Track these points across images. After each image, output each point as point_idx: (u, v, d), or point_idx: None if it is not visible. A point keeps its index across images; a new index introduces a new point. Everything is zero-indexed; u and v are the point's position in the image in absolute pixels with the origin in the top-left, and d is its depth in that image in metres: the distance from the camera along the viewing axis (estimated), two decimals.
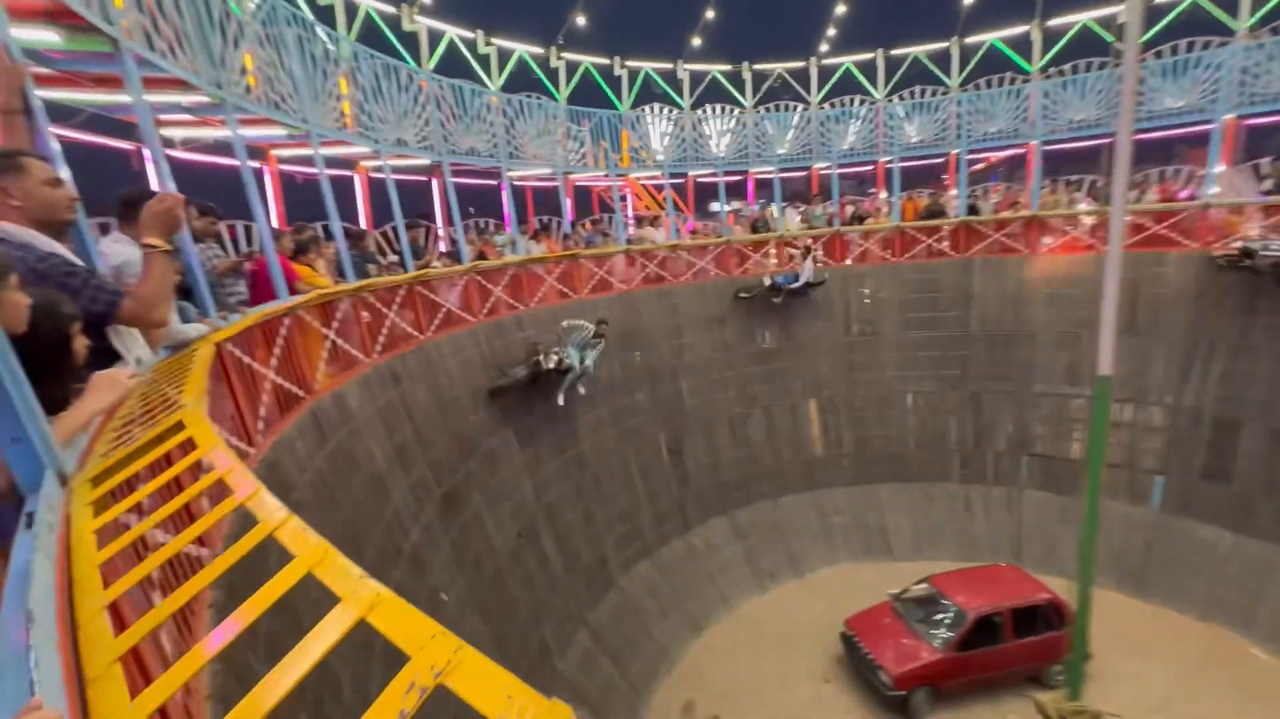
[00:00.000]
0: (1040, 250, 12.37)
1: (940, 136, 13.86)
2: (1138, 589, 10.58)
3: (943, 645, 8.44)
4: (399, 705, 0.57)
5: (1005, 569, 9.93)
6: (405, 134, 9.11)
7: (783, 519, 12.31)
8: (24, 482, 1.35)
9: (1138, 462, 11.25)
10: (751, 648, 9.97)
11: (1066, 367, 11.93)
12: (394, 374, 6.80)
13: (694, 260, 12.74)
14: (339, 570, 0.80)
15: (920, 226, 12.97)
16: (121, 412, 2.07)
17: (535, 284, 10.23)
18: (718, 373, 12.48)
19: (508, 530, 8.09)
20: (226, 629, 0.84)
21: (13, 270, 1.56)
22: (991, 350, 12.53)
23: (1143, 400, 11.25)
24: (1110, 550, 10.62)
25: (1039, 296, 12.19)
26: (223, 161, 7.78)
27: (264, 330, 4.66)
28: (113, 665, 0.80)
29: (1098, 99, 12.11)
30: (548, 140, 12.06)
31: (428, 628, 0.65)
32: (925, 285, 12.93)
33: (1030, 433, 12.21)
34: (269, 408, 4.55)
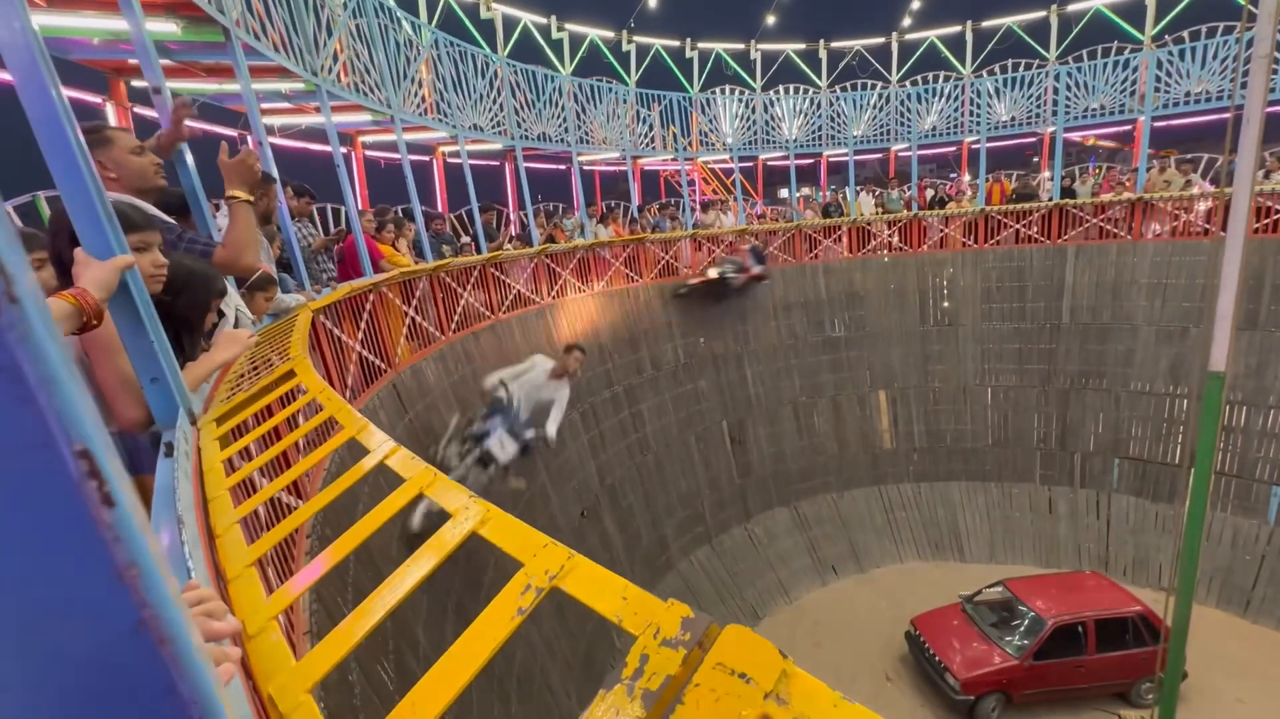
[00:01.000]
0: (1146, 236, 11.38)
1: (1034, 114, 12.95)
2: (1245, 608, 9.69)
3: (1017, 653, 8.03)
4: (516, 604, 0.60)
5: (1090, 577, 9.30)
6: (481, 119, 9.36)
7: (847, 512, 12.01)
8: (160, 417, 1.50)
9: (1251, 470, 10.24)
10: (810, 640, 9.82)
11: (1170, 363, 10.98)
12: (467, 352, 7.05)
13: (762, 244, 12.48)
14: (448, 490, 0.84)
15: (1008, 210, 12.19)
16: (234, 368, 2.26)
17: (602, 268, 10.33)
18: (783, 360, 12.26)
19: (571, 509, 8.28)
20: (343, 544, 0.90)
21: (159, 230, 1.73)
22: (1084, 344, 11.68)
23: (1261, 403, 10.21)
24: (1215, 565, 9.80)
25: (1141, 287, 11.24)
26: (314, 147, 8.27)
27: (351, 304, 4.93)
28: (249, 568, 0.88)
29: (1221, 68, 10.96)
30: (617, 124, 12.10)
31: (539, 539, 0.68)
32: (1011, 274, 12.18)
33: (1124, 433, 11.34)
34: (355, 378, 4.83)
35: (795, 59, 14.43)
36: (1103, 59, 12.23)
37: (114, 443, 1.59)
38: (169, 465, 1.20)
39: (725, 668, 0.45)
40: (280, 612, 0.77)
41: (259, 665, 0.68)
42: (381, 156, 9.60)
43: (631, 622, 0.53)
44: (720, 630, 0.49)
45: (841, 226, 12.81)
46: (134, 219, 1.60)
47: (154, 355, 1.47)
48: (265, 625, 0.74)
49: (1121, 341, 11.39)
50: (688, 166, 14.94)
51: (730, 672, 0.44)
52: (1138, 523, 10.94)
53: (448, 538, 0.75)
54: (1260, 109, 6.00)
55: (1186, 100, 11.54)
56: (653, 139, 12.99)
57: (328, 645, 0.67)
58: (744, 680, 0.43)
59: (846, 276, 12.66)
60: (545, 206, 12.27)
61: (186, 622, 0.26)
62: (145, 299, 1.49)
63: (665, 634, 0.50)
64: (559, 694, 6.03)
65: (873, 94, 13.95)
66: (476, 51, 9.22)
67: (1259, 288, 10.06)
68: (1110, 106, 12.31)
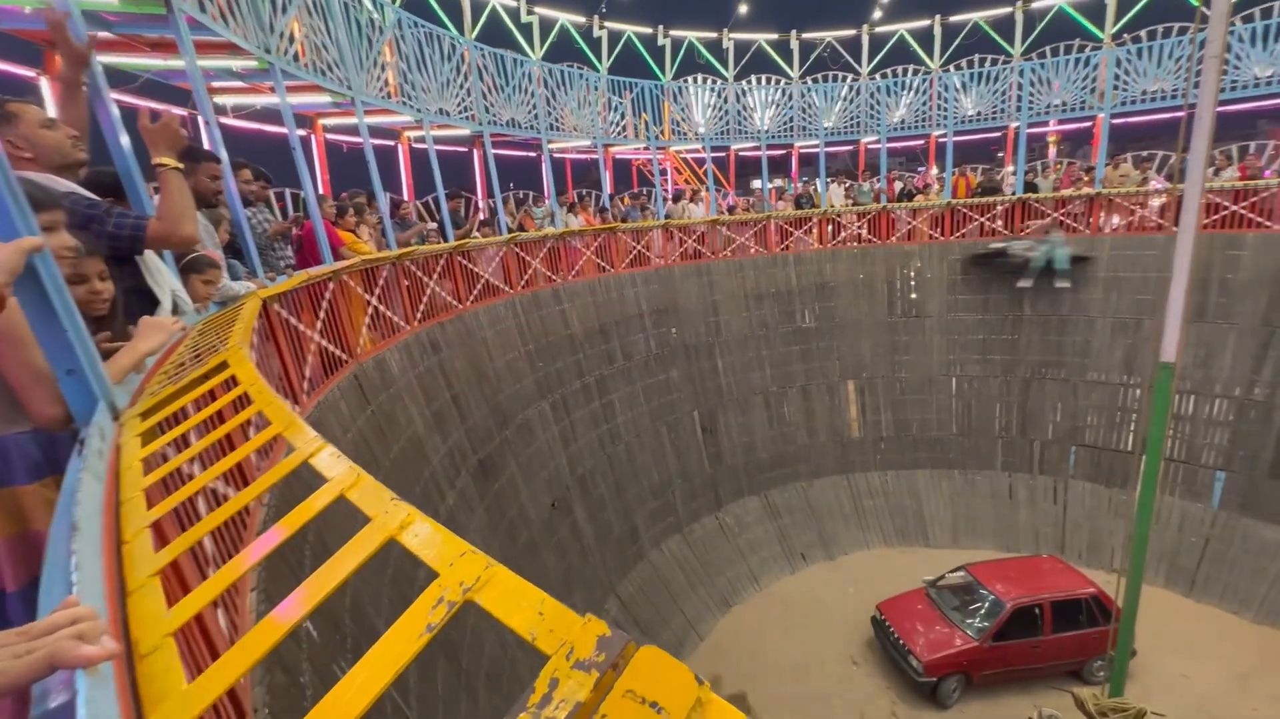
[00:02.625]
0: (1103, 231, 11.72)
1: (999, 109, 13.18)
2: (1190, 588, 10.13)
3: (977, 634, 8.27)
4: (425, 620, 0.55)
5: (1047, 561, 9.61)
6: (447, 104, 9.12)
7: (816, 501, 12.18)
8: (78, 412, 1.40)
9: (1198, 456, 10.69)
10: (780, 626, 9.96)
11: (1124, 354, 11.36)
12: (433, 342, 6.89)
13: (733, 236, 12.52)
14: (371, 493, 0.78)
15: (973, 204, 12.42)
16: (173, 356, 2.14)
17: (573, 257, 10.21)
18: (754, 351, 12.33)
19: (541, 500, 8.22)
20: (258, 548, 0.84)
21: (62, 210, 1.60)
22: (1044, 335, 12.01)
23: (1207, 392, 10.64)
24: (1163, 547, 10.21)
25: (1098, 280, 11.58)
26: (271, 129, 7.96)
27: (310, 293, 4.75)
28: (152, 579, 0.81)
29: (1176, 68, 11.29)
30: (588, 111, 11.94)
31: (457, 546, 0.63)
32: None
33: (1081, 422, 11.71)
34: (314, 369, 4.67)
35: (767, 49, 14.42)
36: (1065, 56, 12.49)
37: (27, 442, 1.49)
38: (78, 464, 1.11)
39: (635, 696, 0.40)
40: (178, 628, 0.70)
41: (146, 690, 0.62)
42: (343, 140, 9.31)
43: (546, 640, 0.49)
44: (636, 651, 0.45)
45: (813, 218, 12.89)
46: (35, 198, 1.47)
47: (69, 345, 1.36)
48: (160, 644, 0.68)
49: (1079, 333, 11.74)
50: (660, 156, 14.84)
51: (640, 700, 0.40)
52: (1092, 508, 11.33)
53: (365, 543, 0.69)
54: (1211, 108, 6.18)
55: (1143, 98, 11.87)
56: (624, 127, 12.85)
57: (226, 664, 0.61)
58: (654, 710, 0.39)
59: (817, 267, 12.76)
60: (515, 194, 12.06)
61: None
62: (59, 284, 1.38)
63: (579, 654, 0.46)
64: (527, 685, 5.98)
65: (843, 86, 14.03)
66: (442, 33, 8.96)
67: (1207, 282, 10.45)
68: (1071, 103, 12.60)
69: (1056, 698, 8.02)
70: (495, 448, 7.46)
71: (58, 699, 0.58)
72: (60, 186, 2.16)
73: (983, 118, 13.44)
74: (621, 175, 18.08)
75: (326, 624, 3.21)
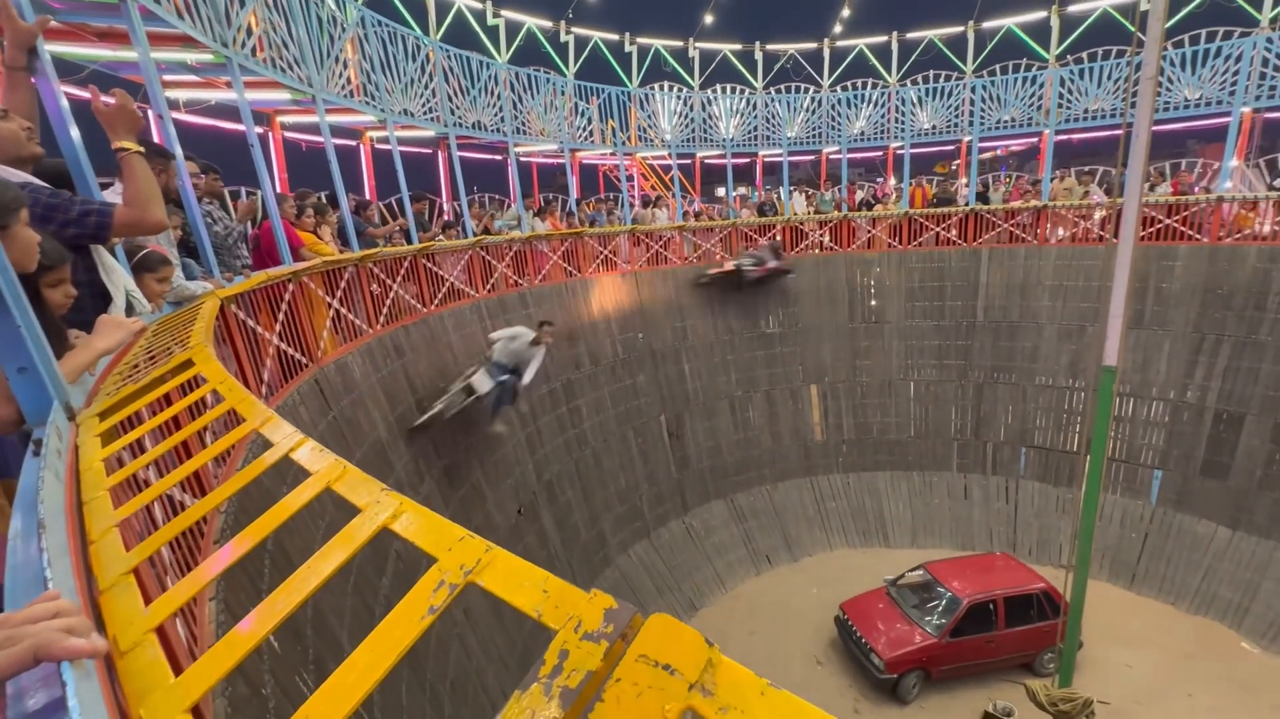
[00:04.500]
0: (1050, 241, 12.29)
1: (953, 123, 13.70)
2: (1131, 581, 10.66)
3: (935, 631, 8.51)
4: (427, 602, 0.56)
5: (1000, 558, 9.98)
6: (411, 104, 8.99)
7: (781, 504, 12.37)
8: (30, 412, 1.34)
9: (1137, 456, 11.27)
10: (745, 628, 10.06)
11: (1070, 359, 11.91)
12: (397, 346, 6.78)
13: (700, 242, 12.66)
14: (358, 484, 0.78)
15: (929, 214, 12.87)
16: (127, 357, 2.05)
17: (540, 261, 10.17)
18: (720, 355, 12.47)
19: (508, 507, 8.13)
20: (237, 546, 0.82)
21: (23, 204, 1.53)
22: (996, 341, 12.50)
23: (1145, 394, 11.24)
24: (1106, 542, 10.70)
25: (1046, 288, 12.13)
26: (227, 126, 7.70)
27: (268, 294, 4.63)
28: (126, 577, 0.79)
29: (1114, 88, 11.95)
30: (554, 116, 11.92)
31: (455, 531, 0.63)
32: (932, 274, 12.87)
33: (1030, 424, 12.22)
34: (273, 373, 4.55)
35: (732, 59, 14.66)
36: (1013, 74, 13.08)
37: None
38: (35, 465, 1.06)
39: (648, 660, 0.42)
40: (158, 624, 0.69)
41: (130, 686, 0.60)
42: (303, 139, 9.07)
43: (552, 615, 0.50)
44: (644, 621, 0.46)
45: (776, 225, 13.14)
46: None
47: (20, 342, 1.30)
48: (140, 640, 0.66)
49: (1028, 338, 12.27)
50: (626, 161, 14.91)
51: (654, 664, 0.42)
52: (1041, 506, 11.82)
53: (357, 533, 0.69)
54: (1147, 126, 6.57)
55: (1086, 116, 12.51)
56: (591, 132, 12.87)
57: (213, 658, 0.60)
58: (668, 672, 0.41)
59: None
60: (480, 197, 11.95)
61: None
62: (10, 278, 1.31)
63: (587, 627, 0.47)
64: (494, 695, 5.90)
65: (805, 97, 14.37)
66: (407, 33, 8.84)
67: (1144, 290, 11.06)
68: (1019, 119, 13.20)
69: (1010, 690, 8.33)
70: (461, 454, 7.35)
71: (36, 699, 0.56)
72: (14, 178, 2.06)
73: (937, 131, 13.94)
74: (588, 180, 18.11)
75: (288, 636, 3.11)
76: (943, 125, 13.82)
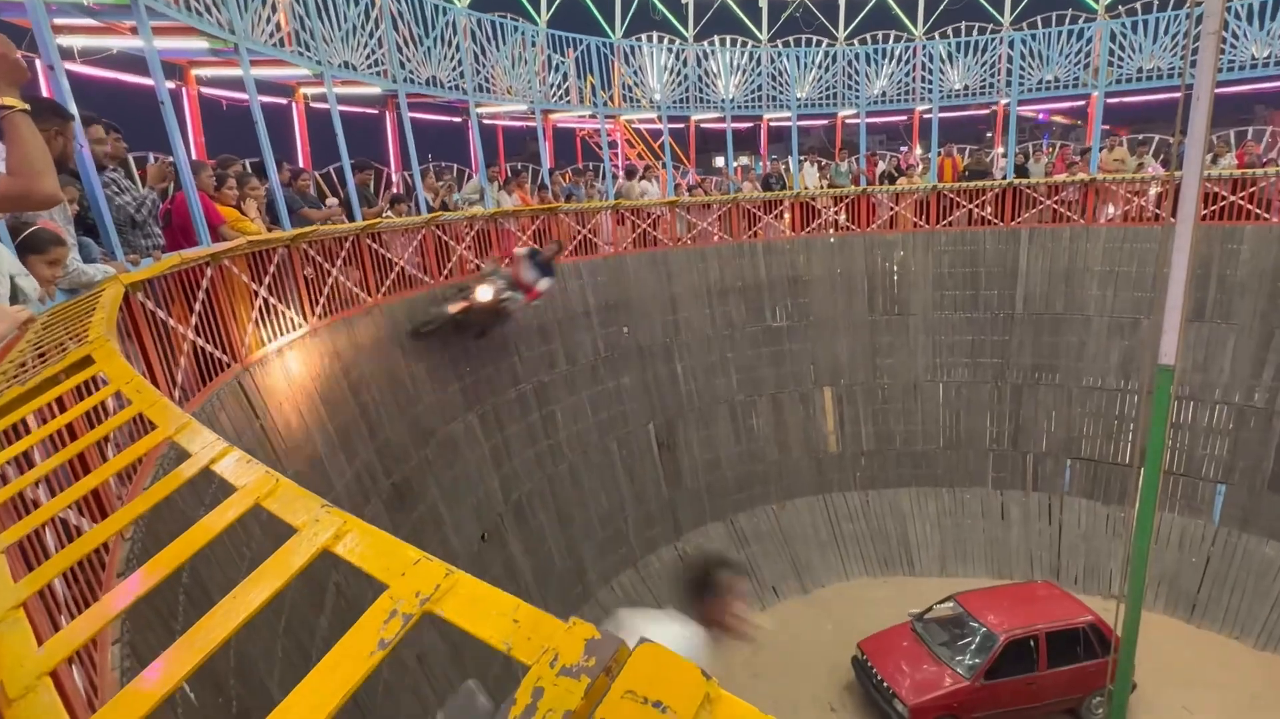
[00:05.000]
0: (1099, 220, 12.48)
1: (988, 83, 13.87)
2: (1191, 613, 10.86)
3: (968, 673, 8.61)
4: (377, 636, 0.56)
5: (1041, 587, 10.12)
6: (354, 56, 8.94)
7: (788, 526, 12.44)
8: None
9: (1197, 468, 11.49)
10: (748, 670, 10.10)
11: (1121, 357, 12.10)
12: (336, 343, 6.74)
13: (695, 221, 12.70)
14: (294, 500, 0.77)
15: (960, 189, 13.01)
16: (11, 354, 2.02)
17: (507, 242, 10.13)
18: (718, 353, 12.51)
19: (469, 531, 8.11)
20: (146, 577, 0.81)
21: None
22: (1037, 336, 12.67)
23: (1206, 398, 11.46)
24: (1163, 568, 10.89)
25: (1094, 274, 12.32)
26: (132, 80, 7.60)
27: (182, 280, 4.58)
28: (14, 611, 0.78)
29: (1172, 44, 12.16)
30: (524, 71, 11.89)
31: (409, 554, 0.63)
32: (964, 258, 13.01)
33: (1076, 432, 12.41)
34: (187, 374, 4.51)
35: (732, 6, 14.72)
36: (1057, 27, 13.27)
37: None
38: None
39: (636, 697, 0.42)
40: (54, 668, 0.68)
41: None
42: (223, 96, 8.98)
43: (524, 648, 0.50)
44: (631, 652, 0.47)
45: (784, 201, 13.22)
46: None
47: None
48: (34, 685, 0.65)
49: (1074, 333, 12.45)
50: (609, 126, 14.91)
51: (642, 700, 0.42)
52: (1089, 527, 12.01)
53: (291, 557, 0.68)
54: (1209, 88, 6.68)
55: (1139, 76, 12.73)
56: (567, 91, 12.86)
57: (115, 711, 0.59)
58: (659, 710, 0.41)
59: (789, 258, 13.07)
60: (436, 167, 11.89)
61: None
62: None
63: (565, 661, 0.48)
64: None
65: (818, 52, 14.46)
66: None
67: (1205, 277, 11.25)
68: (1064, 80, 13.39)
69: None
70: (413, 469, 7.33)
71: None
72: None
73: (970, 92, 14.10)
74: (564, 147, 18.08)
75: (206, 685, 3.08)
76: (976, 86, 13.97)
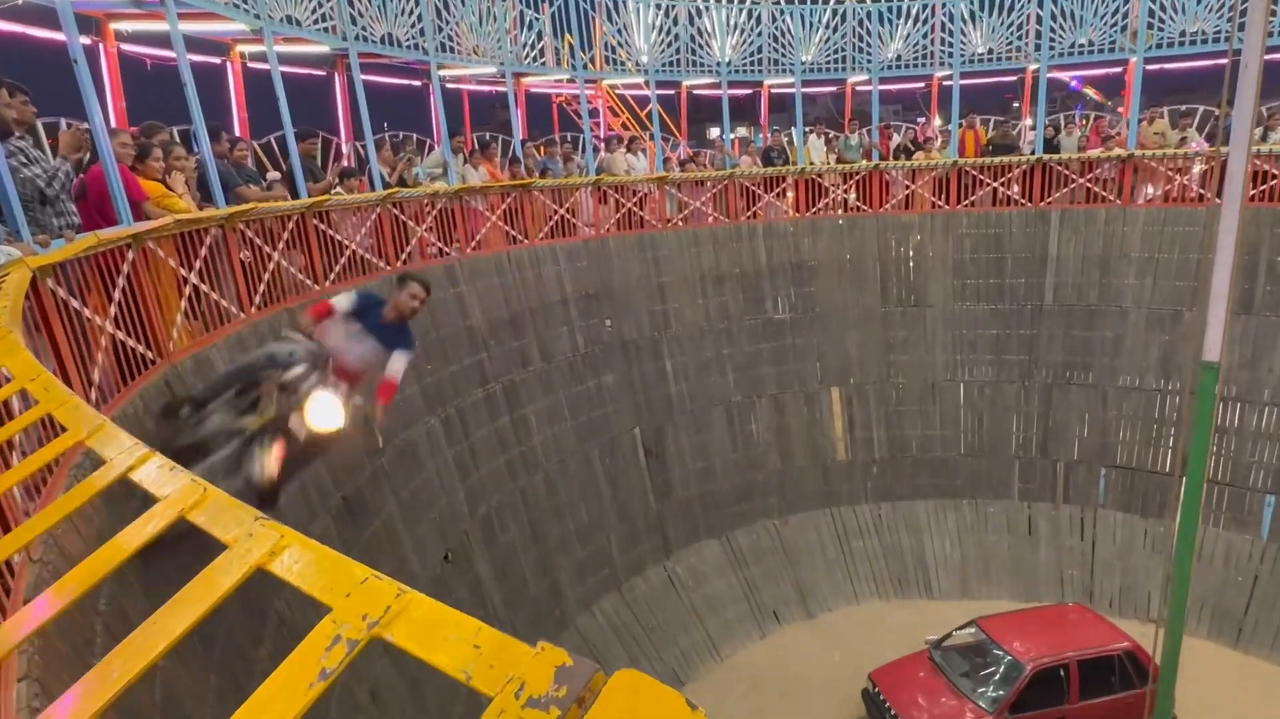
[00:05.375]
0: (1137, 201, 12.62)
1: (1015, 46, 13.96)
2: (1237, 638, 11.04)
3: (991, 706, 8.71)
4: (318, 664, 0.55)
5: (1073, 610, 10.25)
6: (298, 10, 8.87)
7: (792, 543, 12.50)
8: None
9: (1244, 477, 11.66)
10: (747, 706, 10.16)
11: (1161, 353, 12.26)
12: (279, 336, 6.69)
13: (686, 200, 12.70)
14: (224, 512, 0.76)
15: (984, 165, 13.11)
16: None
17: (473, 223, 10.09)
18: (713, 349, 12.54)
19: (431, 550, 8.10)
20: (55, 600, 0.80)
21: None
22: (1068, 330, 12.80)
23: (1254, 399, 11.63)
24: (1206, 588, 11.06)
25: (1131, 261, 12.46)
26: (40, 34, 7.51)
27: (100, 264, 4.54)
28: None
29: (1219, 5, 12.31)
30: (493, 29, 11.83)
31: (355, 573, 0.62)
32: (988, 242, 13.11)
33: (1111, 437, 12.56)
34: (106, 372, 4.47)
35: None
36: None
37: None
38: None
39: None
40: None
41: None
42: (147, 54, 8.88)
43: (486, 677, 0.50)
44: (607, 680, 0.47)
45: (786, 178, 13.25)
46: None
47: None
48: None
49: (1109, 327, 12.59)
50: (589, 91, 14.87)
51: None
52: (1125, 543, 12.17)
53: (220, 577, 0.67)
54: (1259, 55, 6.77)
55: (1182, 40, 12.86)
56: (541, 52, 12.81)
57: None
58: None
59: (793, 242, 13.11)
60: (392, 137, 11.80)
61: None
62: None
63: (532, 690, 0.47)
64: None
65: (825, 10, 14.49)
66: None
67: (1254, 265, 11.42)
68: (1100, 43, 13.51)
69: None
70: (366, 480, 7.30)
71: None
72: None
73: (995, 56, 14.19)
74: (538, 115, 18.01)
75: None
76: (1002, 49, 14.07)
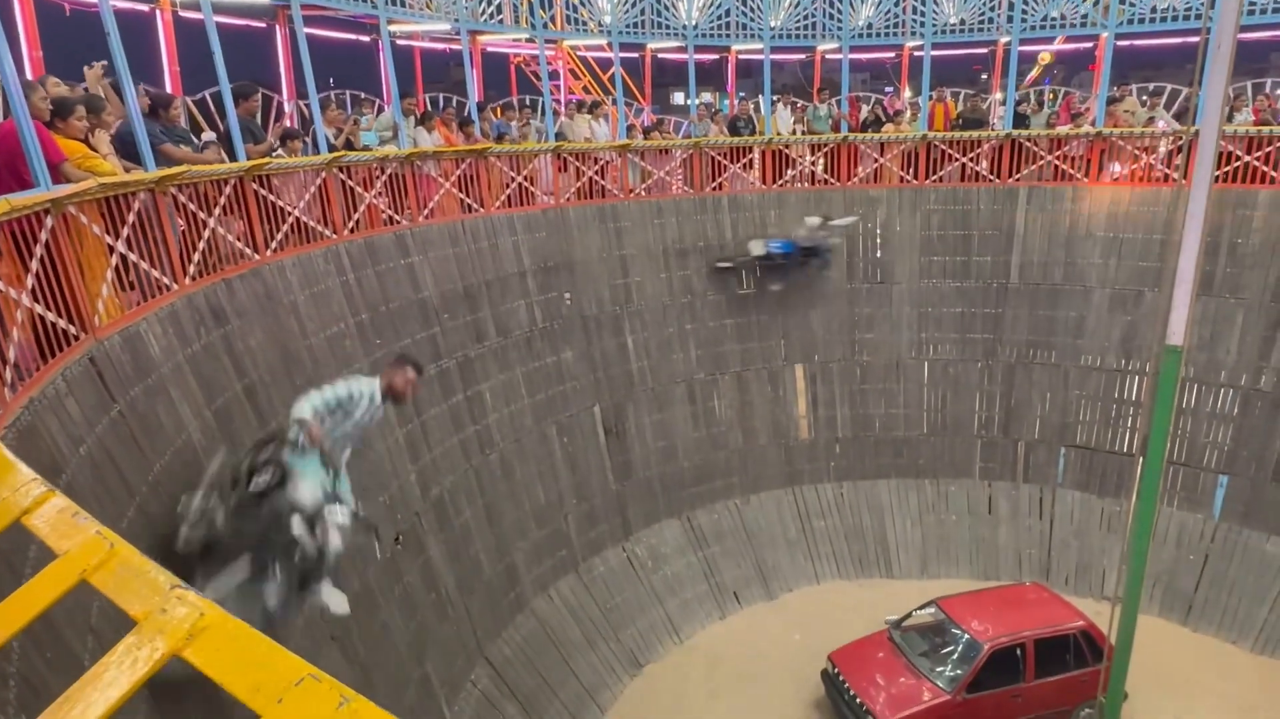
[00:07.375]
0: (1104, 179, 12.84)
1: (987, 17, 14.02)
2: (1187, 615, 11.53)
3: (949, 685, 8.97)
4: None
5: (1031, 590, 10.59)
6: None
7: (753, 523, 12.65)
8: None
9: (1199, 458, 12.09)
10: (706, 688, 10.31)
11: (1123, 333, 12.58)
12: (215, 309, 6.51)
13: (650, 169, 12.56)
14: (134, 576, 0.67)
15: (953, 140, 13.19)
16: None
17: (426, 190, 9.87)
18: (676, 325, 12.51)
19: (381, 534, 7.99)
20: None
21: None
22: (1033, 309, 13.05)
23: (1211, 380, 12.03)
24: (1159, 567, 11.50)
25: (1096, 240, 12.72)
26: None
27: (14, 231, 4.32)
28: None
29: None
30: None
31: (291, 669, 0.54)
32: (956, 219, 13.25)
33: (1072, 417, 12.90)
34: (23, 349, 4.29)
35: None
36: None
37: None
38: None
39: None
40: None
41: None
42: None
43: None
44: None
45: (753, 148, 13.18)
46: None
47: None
48: None
49: (1073, 306, 12.88)
50: (549, 52, 14.56)
51: None
52: (1082, 522, 12.58)
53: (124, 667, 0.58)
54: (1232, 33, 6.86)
55: (1153, 16, 13.05)
56: (499, 9, 12.48)
57: None
58: None
59: (759, 214, 13.09)
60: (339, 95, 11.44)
61: None
62: None
63: None
64: None
65: None
66: None
67: (1215, 246, 11.72)
68: (1070, 17, 13.64)
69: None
70: None
71: None
72: None
73: (967, 27, 14.24)
74: (495, 76, 17.61)
75: None
76: (974, 20, 14.12)
